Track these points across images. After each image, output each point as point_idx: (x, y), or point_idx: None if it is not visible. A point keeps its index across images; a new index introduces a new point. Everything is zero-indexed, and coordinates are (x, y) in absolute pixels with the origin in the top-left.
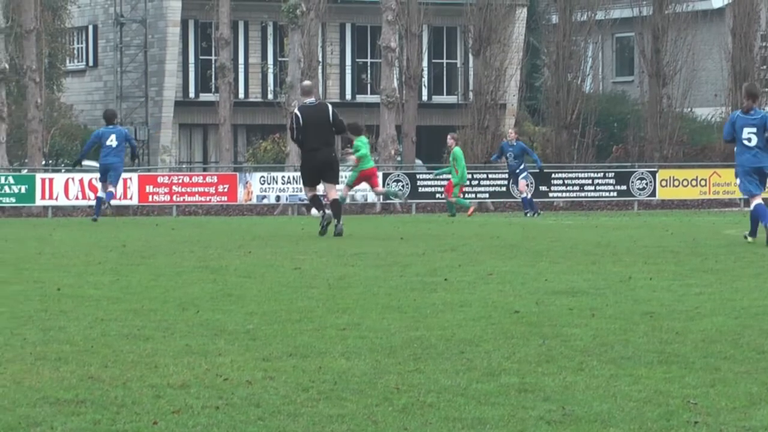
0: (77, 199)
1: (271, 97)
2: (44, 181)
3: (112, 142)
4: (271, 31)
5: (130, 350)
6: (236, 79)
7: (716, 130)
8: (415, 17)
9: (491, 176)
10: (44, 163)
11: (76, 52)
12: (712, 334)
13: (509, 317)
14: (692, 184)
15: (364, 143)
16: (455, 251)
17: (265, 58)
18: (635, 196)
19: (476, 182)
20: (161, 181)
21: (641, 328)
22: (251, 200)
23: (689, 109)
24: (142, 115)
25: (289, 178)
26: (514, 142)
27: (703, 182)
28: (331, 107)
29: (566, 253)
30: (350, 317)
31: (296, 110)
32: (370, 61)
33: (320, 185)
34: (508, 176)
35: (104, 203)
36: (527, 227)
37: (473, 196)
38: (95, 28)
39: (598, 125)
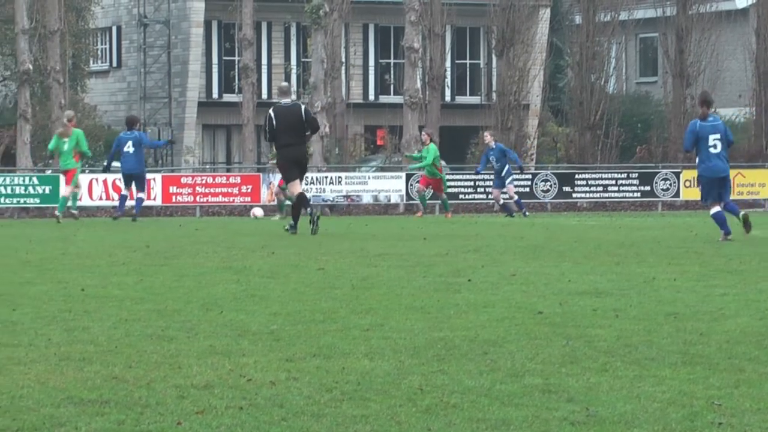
0: (101, 199)
1: (294, 97)
2: None
3: (129, 148)
4: (294, 31)
5: (153, 351)
6: (259, 79)
7: (740, 130)
8: (438, 18)
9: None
10: None
11: (99, 53)
12: (736, 335)
13: (533, 318)
14: None
15: None
16: (478, 252)
17: (288, 58)
18: (659, 196)
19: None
20: (185, 181)
21: (665, 329)
22: (274, 201)
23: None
24: (165, 115)
25: (312, 178)
26: (493, 144)
27: None
28: (304, 107)
29: (590, 253)
30: (374, 318)
31: (270, 111)
32: (393, 61)
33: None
34: (494, 179)
35: (133, 212)
36: (551, 228)
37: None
38: (119, 29)
39: (621, 126)
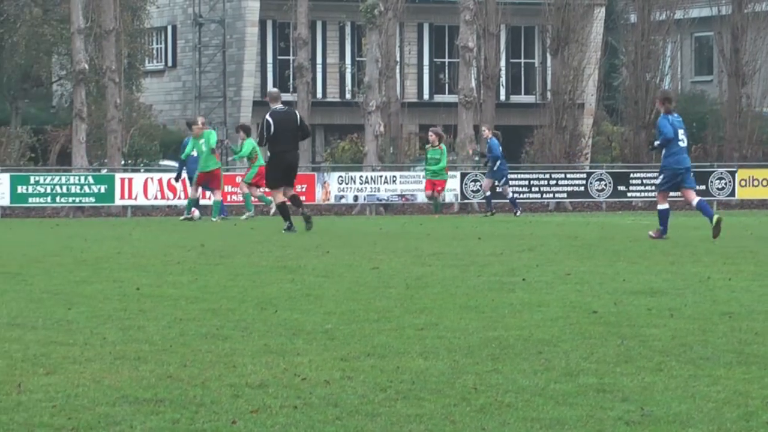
0: (156, 198)
1: (348, 97)
2: (123, 180)
3: (191, 151)
4: (348, 30)
5: (208, 350)
6: (314, 79)
7: None
8: (492, 17)
9: (569, 176)
10: (123, 163)
11: (155, 52)
12: None
13: (587, 317)
14: None
15: (250, 143)
16: (533, 251)
17: (342, 57)
18: (714, 195)
19: (554, 182)
20: (239, 181)
21: (720, 328)
22: (329, 200)
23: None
24: (220, 115)
25: (367, 178)
26: (491, 138)
27: None
28: (298, 113)
29: (644, 253)
30: (428, 317)
31: (267, 116)
32: (447, 60)
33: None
34: (486, 171)
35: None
36: (606, 227)
37: (551, 195)
38: (174, 28)
39: None
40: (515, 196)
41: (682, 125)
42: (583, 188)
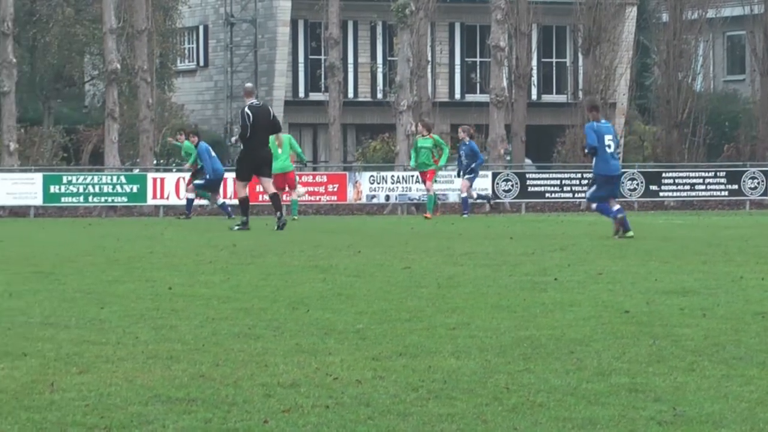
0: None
1: (380, 96)
2: (155, 180)
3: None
4: (380, 30)
5: (240, 349)
6: (345, 78)
7: None
8: (524, 16)
9: None
10: (155, 162)
11: (186, 52)
12: None
13: (619, 317)
14: None
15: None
16: (565, 251)
17: (374, 57)
18: (747, 195)
19: (586, 182)
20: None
21: (753, 328)
22: (361, 200)
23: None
24: None
25: (398, 177)
26: (467, 141)
27: None
28: (271, 108)
29: (677, 252)
30: (460, 317)
31: (246, 109)
32: (479, 60)
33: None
34: (457, 173)
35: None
36: (638, 227)
37: (583, 195)
38: (206, 28)
39: (708, 124)
40: (471, 198)
41: (610, 131)
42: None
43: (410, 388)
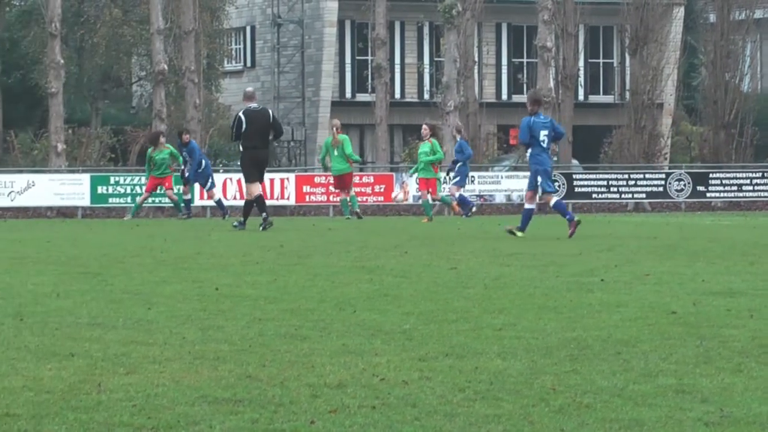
0: (235, 199)
1: (427, 97)
2: None
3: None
4: (427, 31)
5: (287, 350)
6: (392, 79)
7: None
8: (571, 17)
9: (648, 176)
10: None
11: (233, 52)
12: None
13: (666, 318)
14: None
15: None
16: (612, 251)
17: (421, 58)
18: None
19: (633, 182)
20: (318, 181)
21: None
22: (408, 200)
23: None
24: (299, 115)
25: (445, 178)
26: (458, 138)
27: None
28: (271, 111)
29: (724, 253)
30: (506, 317)
31: (240, 114)
32: (526, 60)
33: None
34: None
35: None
36: (685, 227)
37: (630, 195)
38: (253, 29)
39: (756, 125)
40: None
41: (547, 126)
42: (662, 188)
43: (456, 388)
